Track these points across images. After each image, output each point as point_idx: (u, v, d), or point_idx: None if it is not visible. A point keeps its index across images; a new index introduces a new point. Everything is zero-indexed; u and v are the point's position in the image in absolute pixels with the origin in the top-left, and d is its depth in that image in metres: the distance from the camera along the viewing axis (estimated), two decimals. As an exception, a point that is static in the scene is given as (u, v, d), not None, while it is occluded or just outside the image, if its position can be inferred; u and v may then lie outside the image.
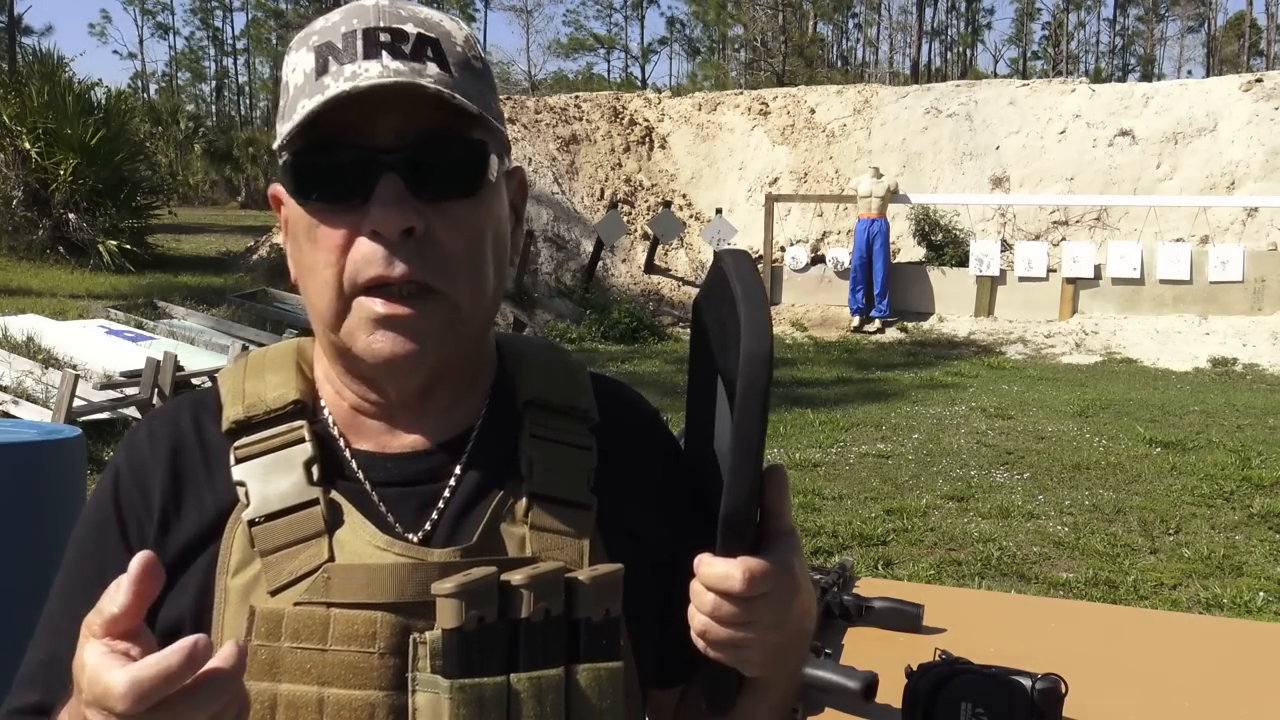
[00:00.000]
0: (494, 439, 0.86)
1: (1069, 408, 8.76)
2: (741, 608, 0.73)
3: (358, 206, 0.76)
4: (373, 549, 0.78)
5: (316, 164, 0.77)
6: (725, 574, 0.73)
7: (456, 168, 0.78)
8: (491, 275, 0.82)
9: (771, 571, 0.73)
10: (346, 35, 0.77)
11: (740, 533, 0.74)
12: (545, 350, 0.94)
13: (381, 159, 0.76)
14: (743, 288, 0.75)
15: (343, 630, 0.76)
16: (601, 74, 62.77)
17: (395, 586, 0.76)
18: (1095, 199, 13.61)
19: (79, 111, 13.50)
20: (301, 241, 0.80)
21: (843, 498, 5.98)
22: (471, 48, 0.81)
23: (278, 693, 0.75)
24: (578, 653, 0.77)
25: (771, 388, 0.72)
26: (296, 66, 0.79)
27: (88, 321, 9.01)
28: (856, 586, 1.89)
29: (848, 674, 1.43)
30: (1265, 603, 4.40)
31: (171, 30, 66.58)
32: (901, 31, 58.34)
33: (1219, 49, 53.99)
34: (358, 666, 0.76)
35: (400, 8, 0.79)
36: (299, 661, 0.76)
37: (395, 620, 0.76)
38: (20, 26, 44.57)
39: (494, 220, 0.82)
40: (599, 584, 0.78)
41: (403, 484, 0.83)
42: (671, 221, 14.17)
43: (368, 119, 0.76)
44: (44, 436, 3.26)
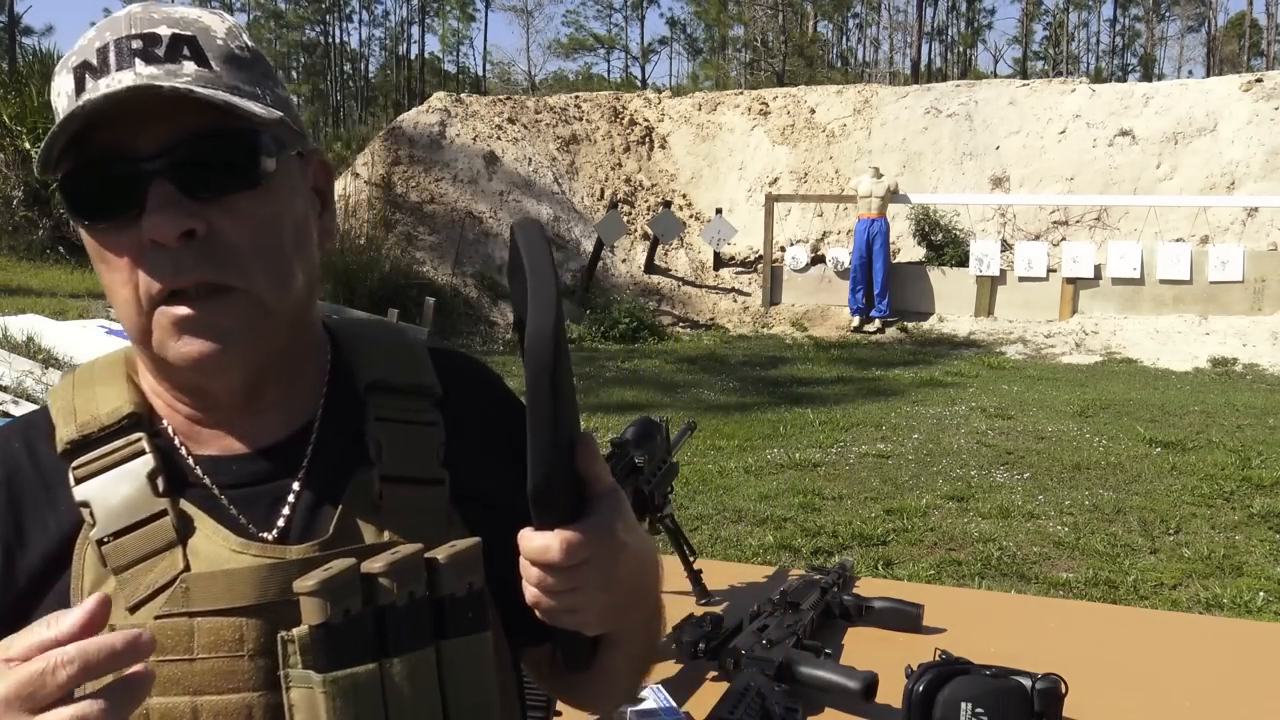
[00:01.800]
0: (337, 427, 0.85)
1: (1069, 408, 8.76)
2: (563, 576, 0.74)
3: (135, 219, 0.75)
4: (229, 553, 0.78)
5: (86, 185, 0.76)
6: (543, 546, 0.74)
7: (227, 162, 0.76)
8: (296, 263, 0.81)
9: (587, 539, 0.74)
10: (100, 50, 0.76)
11: (549, 506, 0.74)
12: (381, 331, 0.94)
13: (146, 167, 0.74)
14: (529, 260, 0.74)
15: (208, 638, 0.76)
16: (601, 74, 62.80)
17: (257, 589, 0.76)
18: (1095, 199, 13.61)
19: (79, 111, 13.51)
20: (97, 264, 0.79)
21: (843, 498, 5.98)
22: (235, 38, 0.80)
23: (149, 708, 0.75)
24: (445, 629, 0.78)
25: (562, 362, 0.72)
26: (60, 90, 0.78)
27: (88, 321, 9.00)
28: (857, 586, 1.90)
29: (848, 674, 1.44)
30: (1265, 603, 4.40)
31: (171, 30, 66.55)
32: (901, 31, 58.34)
33: (1219, 49, 53.99)
34: (228, 672, 0.75)
35: (153, 11, 0.78)
36: (167, 675, 0.75)
37: (260, 622, 0.76)
38: (20, 26, 44.58)
39: (287, 207, 0.80)
40: (459, 560, 0.79)
41: (250, 484, 0.82)
42: (671, 221, 14.17)
43: (130, 130, 0.74)
44: (44, 436, 3.25)
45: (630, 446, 1.60)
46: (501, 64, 65.68)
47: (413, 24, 63.21)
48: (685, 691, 1.52)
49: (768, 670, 1.45)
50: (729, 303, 14.44)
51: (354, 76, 64.24)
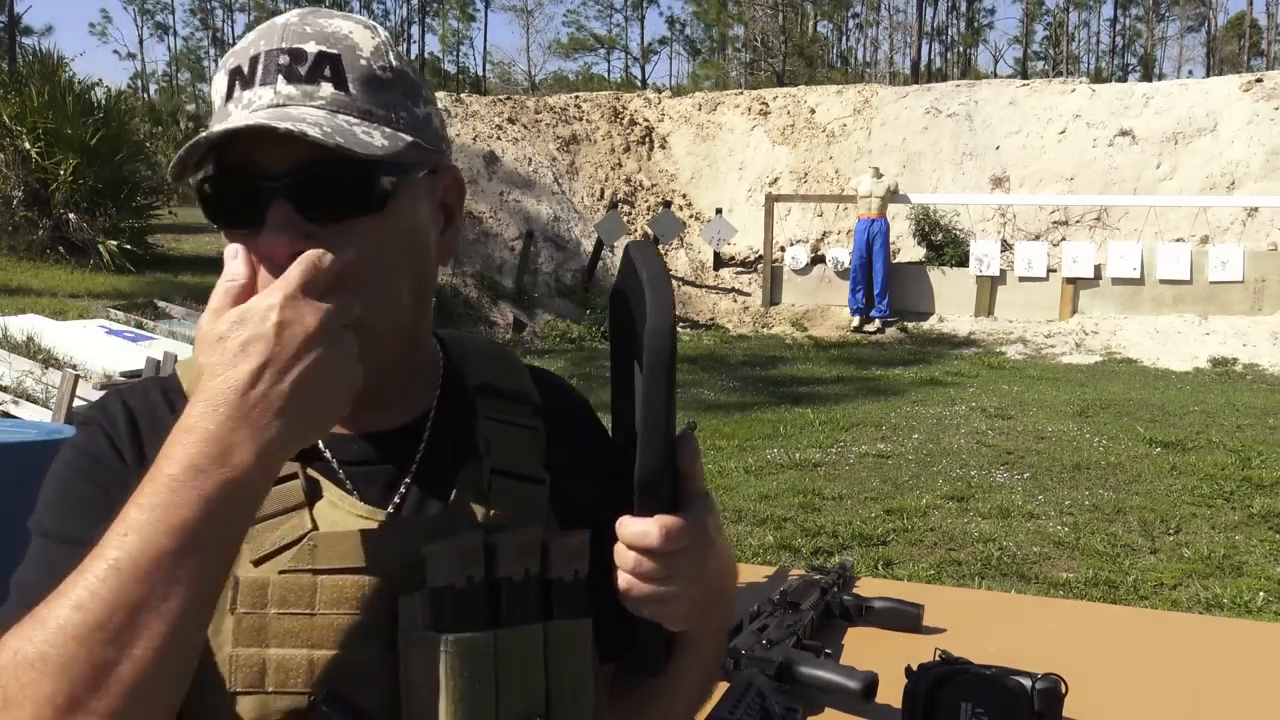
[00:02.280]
0: (449, 422, 0.90)
1: (1069, 408, 8.76)
2: (660, 563, 0.79)
3: (257, 232, 0.78)
4: (355, 518, 0.82)
5: (218, 192, 0.80)
6: (643, 531, 0.78)
7: (343, 189, 0.79)
8: (404, 283, 0.84)
9: (686, 527, 0.79)
10: (253, 59, 0.80)
11: (654, 494, 0.79)
12: (486, 344, 1.00)
13: (269, 186, 0.78)
14: (647, 272, 0.81)
15: (331, 595, 0.79)
16: (601, 74, 62.81)
17: (383, 551, 0.80)
18: (1095, 199, 13.61)
19: (79, 111, 13.48)
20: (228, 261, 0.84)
21: (843, 498, 5.98)
22: (381, 57, 0.83)
23: (266, 657, 0.78)
24: (551, 611, 0.83)
25: (675, 360, 0.78)
26: (216, 89, 0.83)
27: (88, 321, 9.00)
28: (857, 586, 1.90)
29: (848, 674, 1.44)
30: (1265, 603, 4.40)
31: (171, 30, 66.62)
32: (901, 31, 58.34)
33: (1219, 49, 53.99)
34: (346, 628, 0.79)
35: (308, 23, 0.81)
36: (287, 627, 0.78)
37: (382, 583, 0.80)
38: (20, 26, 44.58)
39: (401, 231, 0.83)
40: (570, 546, 0.84)
41: (368, 463, 0.87)
42: (671, 221, 14.17)
43: (259, 147, 0.78)
44: (44, 436, 3.26)
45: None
46: (501, 64, 65.70)
47: (412, 24, 63.24)
48: (685, 691, 1.52)
49: (768, 670, 1.45)
50: (729, 303, 14.44)
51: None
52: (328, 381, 0.70)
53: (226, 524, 0.69)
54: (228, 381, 0.68)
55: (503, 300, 13.28)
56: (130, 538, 0.66)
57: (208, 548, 0.68)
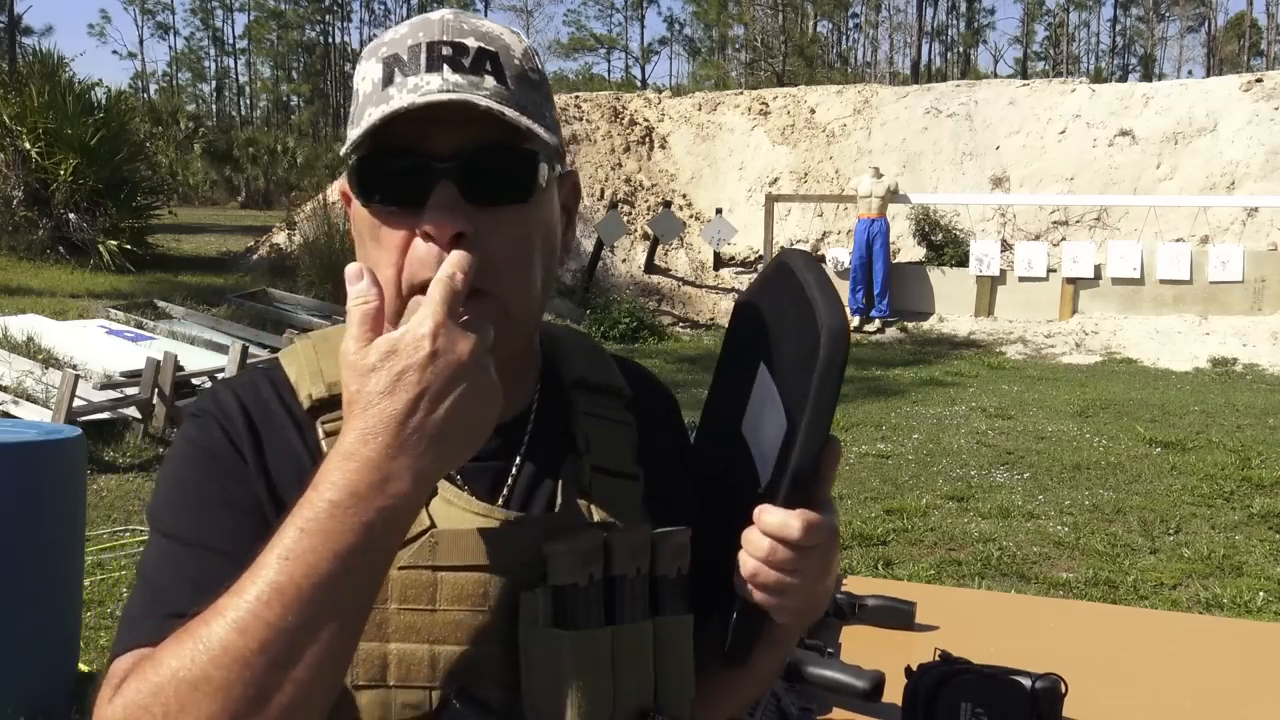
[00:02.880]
0: (550, 419, 0.92)
1: (1069, 408, 8.76)
2: (794, 555, 0.81)
3: (415, 210, 0.81)
4: (472, 515, 0.84)
5: (380, 169, 0.82)
6: (784, 522, 0.81)
7: (507, 176, 0.83)
8: (539, 275, 0.87)
9: (825, 525, 0.82)
10: (413, 48, 0.82)
11: (805, 486, 0.82)
12: (576, 336, 1.02)
13: (437, 167, 0.80)
14: (814, 278, 0.85)
15: (452, 591, 0.81)
16: (601, 74, 62.81)
17: (504, 548, 0.82)
18: (1095, 199, 13.61)
19: (79, 111, 13.48)
20: (366, 239, 0.85)
21: (843, 498, 5.98)
22: (530, 60, 0.87)
23: (388, 652, 0.80)
24: (658, 607, 0.85)
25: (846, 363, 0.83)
26: (366, 76, 0.84)
27: (88, 321, 9.00)
28: (845, 584, 1.90)
29: (855, 674, 1.44)
30: (1265, 603, 4.40)
31: (171, 30, 66.61)
32: (901, 31, 58.34)
33: (1219, 49, 53.99)
34: (469, 625, 0.81)
35: (464, 21, 0.85)
36: (408, 622, 0.80)
37: (503, 580, 0.81)
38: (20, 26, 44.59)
39: (542, 224, 0.87)
40: (674, 544, 0.86)
41: (476, 459, 0.86)
42: (671, 221, 14.17)
43: (428, 129, 0.81)
44: (44, 436, 3.26)
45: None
46: (501, 64, 65.56)
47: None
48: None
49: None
50: (729, 303, 14.44)
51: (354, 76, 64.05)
52: (477, 408, 0.72)
53: (383, 549, 0.71)
54: (386, 411, 0.70)
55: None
56: (291, 562, 0.68)
57: (365, 572, 0.70)
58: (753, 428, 0.90)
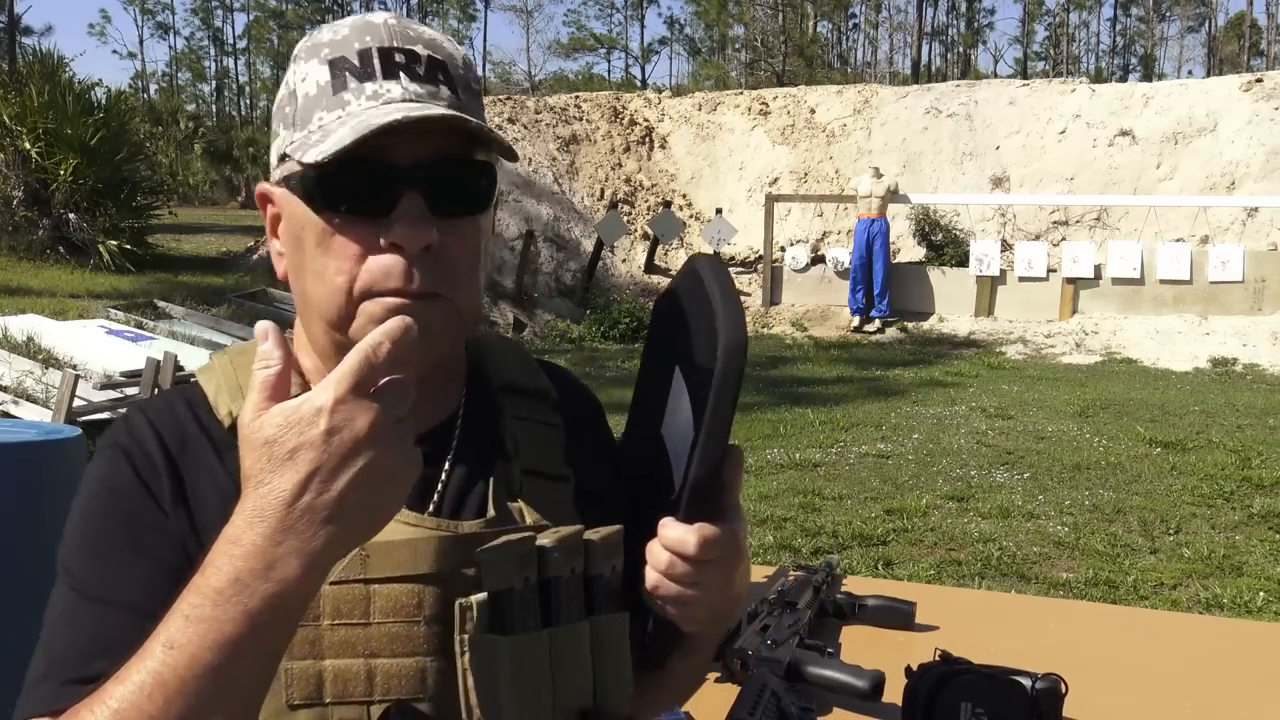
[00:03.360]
0: (477, 423, 0.91)
1: (1069, 408, 8.76)
2: (693, 569, 0.82)
3: (375, 221, 0.80)
4: (403, 526, 0.82)
5: (340, 178, 0.79)
6: (681, 538, 0.81)
7: (470, 188, 0.83)
8: (481, 280, 0.88)
9: (722, 538, 0.81)
10: (362, 53, 0.80)
11: (703, 500, 0.82)
12: (502, 341, 1.02)
13: (403, 178, 0.79)
14: (719, 286, 0.84)
15: (386, 604, 0.80)
16: (601, 74, 62.80)
17: (438, 558, 0.81)
18: (1095, 199, 13.61)
19: (79, 111, 13.49)
20: (309, 247, 0.82)
21: (843, 498, 5.98)
22: (470, 69, 0.86)
23: (323, 669, 0.79)
24: (593, 607, 0.85)
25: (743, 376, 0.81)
26: (308, 76, 0.82)
27: (88, 321, 9.01)
28: (845, 584, 1.89)
29: (855, 673, 1.44)
30: (1265, 603, 4.40)
31: (171, 30, 66.61)
32: (901, 31, 58.34)
33: (1219, 49, 53.99)
34: (404, 636, 0.80)
35: (409, 28, 0.83)
36: (342, 638, 0.79)
37: (437, 590, 0.80)
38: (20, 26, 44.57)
39: (488, 230, 0.88)
40: (607, 543, 0.86)
41: None
42: (671, 221, 14.17)
43: (388, 140, 0.78)
44: (44, 436, 3.26)
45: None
46: (501, 64, 65.65)
47: (413, 24, 63.16)
48: (685, 691, 1.52)
49: (777, 670, 1.44)
50: (729, 303, 14.44)
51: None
52: (378, 484, 0.67)
53: (272, 636, 0.67)
54: (274, 492, 0.66)
55: (503, 300, 13.28)
56: (174, 651, 0.66)
57: (253, 658, 0.67)
58: (670, 431, 0.90)
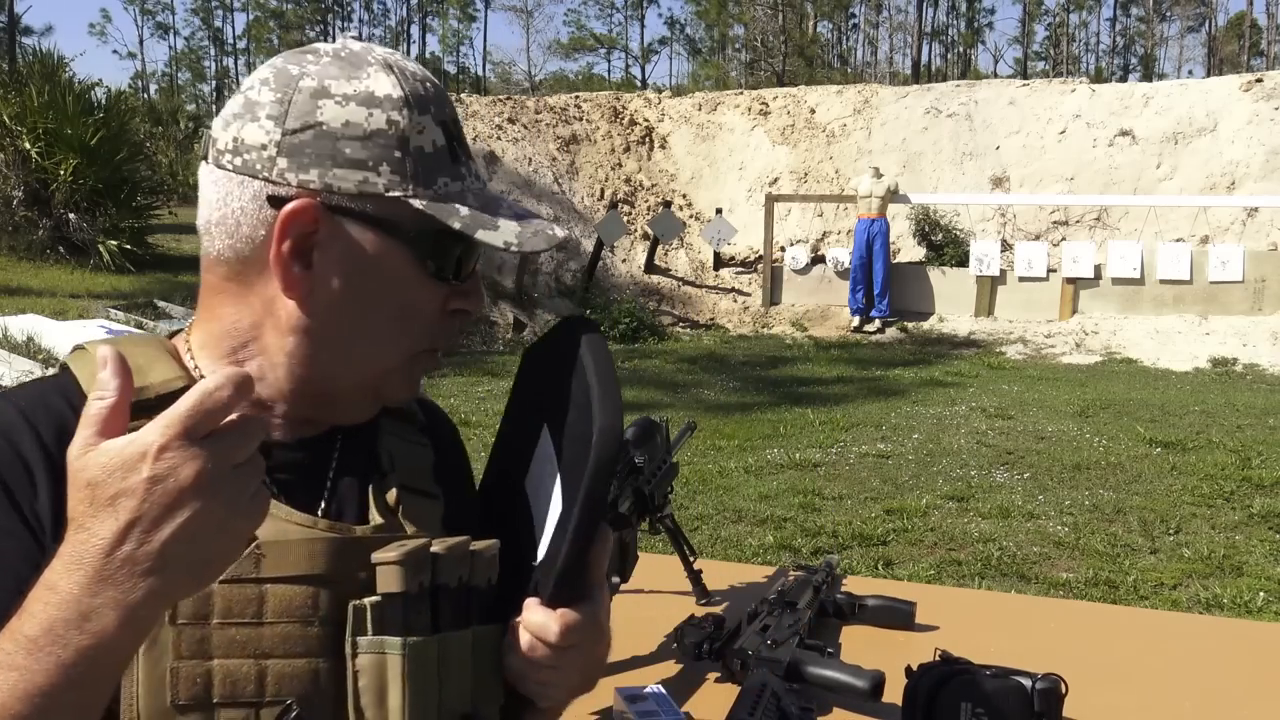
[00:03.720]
0: (357, 438, 0.92)
1: (1069, 408, 8.76)
2: (554, 654, 0.83)
3: (449, 285, 0.85)
4: (295, 527, 0.82)
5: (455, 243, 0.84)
6: (544, 624, 0.83)
7: None
8: None
9: (582, 625, 0.83)
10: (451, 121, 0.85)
11: (569, 585, 0.83)
12: None
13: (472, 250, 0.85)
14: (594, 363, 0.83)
15: (279, 604, 0.79)
16: (601, 74, 62.79)
17: (334, 559, 0.81)
18: (1095, 199, 13.61)
19: (79, 111, 13.48)
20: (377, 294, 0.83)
21: (843, 498, 5.98)
22: None
23: (211, 669, 0.78)
24: (472, 617, 0.86)
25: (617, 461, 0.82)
26: (424, 130, 0.82)
27: (88, 321, 9.01)
28: (845, 584, 1.90)
29: (855, 673, 1.44)
30: (1265, 603, 4.40)
31: (171, 30, 66.61)
32: (901, 31, 58.34)
33: (1219, 49, 53.98)
34: (296, 637, 0.79)
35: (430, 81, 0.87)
36: (232, 637, 0.78)
37: (333, 591, 0.80)
38: (20, 26, 44.57)
39: None
40: (486, 555, 0.86)
41: (287, 470, 0.87)
42: (671, 221, 14.17)
43: None
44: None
45: (630, 446, 1.60)
46: (501, 64, 65.64)
47: (412, 24, 63.24)
48: (685, 692, 1.52)
49: (777, 670, 1.44)
50: (729, 303, 14.44)
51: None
52: (206, 536, 0.62)
53: (87, 689, 0.62)
54: (92, 539, 0.60)
55: (503, 300, 13.28)
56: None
57: (69, 710, 0.62)
58: (534, 487, 0.90)
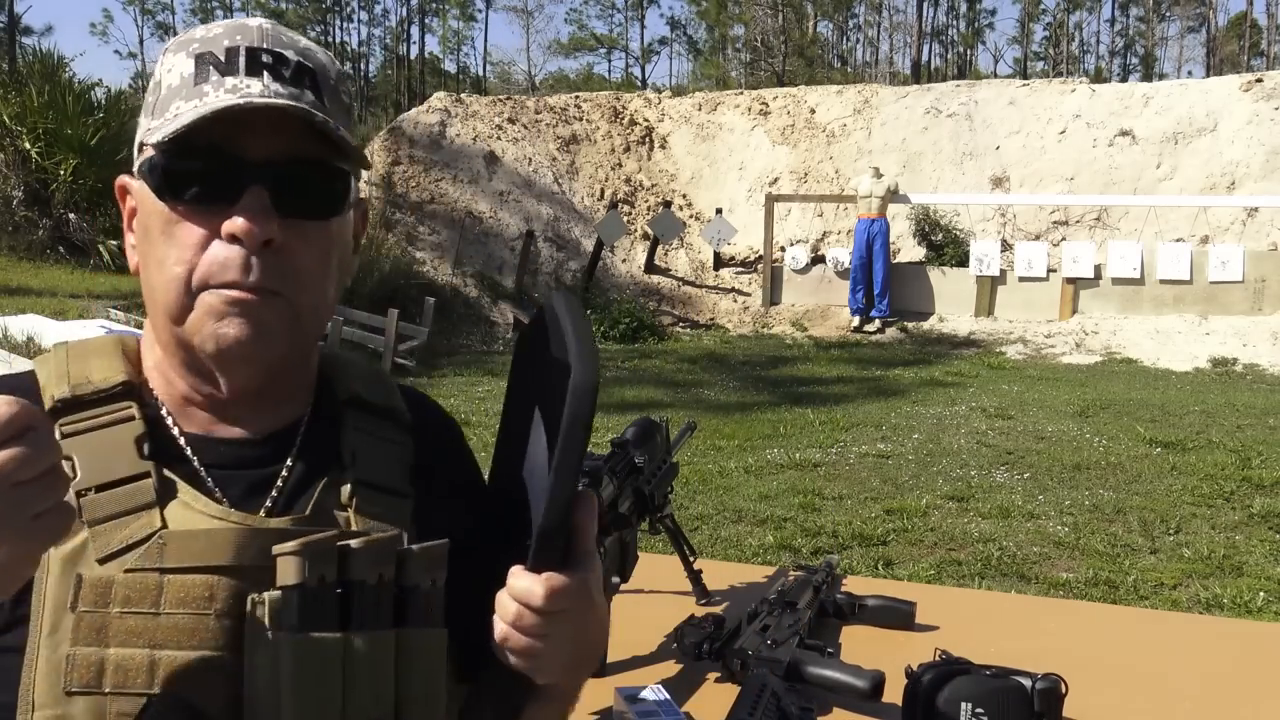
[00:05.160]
0: (319, 433, 0.91)
1: (1069, 408, 8.76)
2: (541, 620, 0.80)
3: (219, 212, 0.81)
4: (207, 519, 0.81)
5: (187, 166, 0.81)
6: (528, 588, 0.80)
7: (319, 191, 0.84)
8: (331, 289, 0.89)
9: (572, 589, 0.80)
10: (230, 50, 0.82)
11: (550, 549, 0.80)
12: (360, 361, 1.02)
13: (250, 171, 0.81)
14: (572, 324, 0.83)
15: (177, 594, 0.78)
16: (602, 74, 62.79)
17: (235, 550, 0.79)
18: (1095, 199, 13.61)
19: (79, 111, 13.49)
20: (154, 234, 0.84)
21: (843, 498, 5.98)
22: (343, 83, 0.88)
23: (105, 657, 0.77)
24: (405, 618, 0.81)
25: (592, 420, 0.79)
26: (173, 68, 0.83)
27: (88, 321, 9.00)
28: (845, 584, 1.89)
29: (855, 673, 1.43)
30: (1265, 603, 4.40)
31: (171, 30, 66.63)
32: (901, 31, 58.35)
33: (1219, 49, 53.97)
34: (192, 629, 0.78)
35: (282, 34, 0.85)
36: (129, 626, 0.77)
37: (232, 582, 0.79)
38: (20, 26, 44.58)
39: (341, 241, 0.89)
40: (428, 554, 0.82)
41: (234, 467, 0.87)
42: (671, 221, 14.17)
43: (243, 133, 0.81)
44: (44, 436, 3.24)
45: (630, 446, 1.60)
46: (501, 64, 65.65)
47: (412, 24, 63.24)
48: (685, 692, 1.52)
49: (777, 671, 1.44)
50: (729, 303, 14.44)
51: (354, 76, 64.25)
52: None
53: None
54: None
55: (503, 300, 13.28)
56: None
57: None
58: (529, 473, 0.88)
